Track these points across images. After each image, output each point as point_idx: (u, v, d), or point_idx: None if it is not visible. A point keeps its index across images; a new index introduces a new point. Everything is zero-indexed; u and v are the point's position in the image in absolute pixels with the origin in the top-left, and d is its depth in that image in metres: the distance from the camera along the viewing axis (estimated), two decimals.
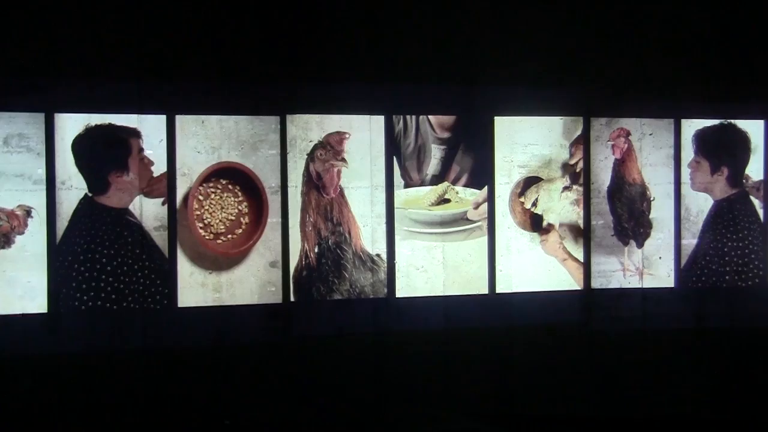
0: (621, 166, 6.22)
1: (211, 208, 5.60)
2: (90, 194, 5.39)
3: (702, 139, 6.33)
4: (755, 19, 6.45)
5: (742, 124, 6.39)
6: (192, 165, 5.55)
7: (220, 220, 5.61)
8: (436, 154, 5.94)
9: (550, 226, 6.14)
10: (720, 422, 6.01)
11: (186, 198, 5.53)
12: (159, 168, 5.50)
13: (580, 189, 6.11)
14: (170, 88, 5.54)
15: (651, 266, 6.32)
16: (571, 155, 6.11)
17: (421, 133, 5.91)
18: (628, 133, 6.20)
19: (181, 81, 5.58)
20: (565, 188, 6.09)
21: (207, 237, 5.57)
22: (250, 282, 5.65)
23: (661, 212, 6.33)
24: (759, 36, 6.43)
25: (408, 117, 5.89)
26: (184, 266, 5.55)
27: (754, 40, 6.43)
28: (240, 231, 5.65)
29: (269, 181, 5.67)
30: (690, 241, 6.39)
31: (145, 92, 5.49)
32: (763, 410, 6.11)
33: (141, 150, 5.45)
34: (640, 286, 6.31)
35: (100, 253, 5.42)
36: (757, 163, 6.43)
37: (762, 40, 6.43)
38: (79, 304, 5.37)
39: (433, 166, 5.94)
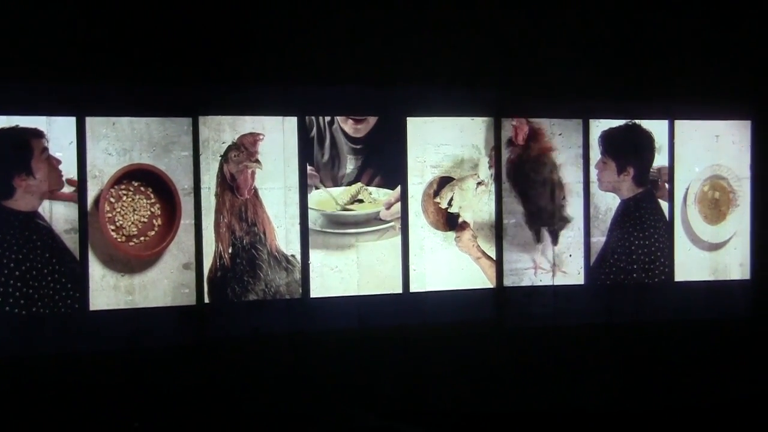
0: (535, 164, 6.86)
1: (123, 210, 5.97)
2: None
3: (608, 139, 6.98)
4: (659, 21, 7.11)
5: (646, 124, 7.06)
6: (103, 167, 5.91)
7: (133, 223, 6.00)
8: (349, 156, 6.42)
9: (465, 224, 6.73)
10: (629, 413, 6.74)
11: (97, 200, 5.88)
12: (68, 170, 5.82)
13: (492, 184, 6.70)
14: (80, 89, 5.86)
15: (562, 264, 6.98)
16: (491, 160, 6.75)
17: (334, 135, 6.39)
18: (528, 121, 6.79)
19: (91, 83, 5.89)
20: (479, 183, 6.75)
21: (119, 239, 5.96)
22: (164, 284, 6.04)
23: (570, 210, 6.99)
24: (662, 37, 7.10)
25: (322, 121, 6.37)
26: (96, 269, 5.92)
27: (657, 41, 7.08)
28: (153, 233, 6.04)
29: (182, 182, 6.07)
30: (599, 239, 7.06)
31: (55, 94, 5.80)
32: (669, 400, 6.88)
33: (45, 150, 5.73)
34: (551, 283, 6.95)
35: (8, 258, 5.72)
36: (662, 162, 7.14)
37: (665, 41, 7.10)
38: None
39: (346, 167, 6.41)
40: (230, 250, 6.15)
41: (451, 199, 6.66)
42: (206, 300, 6.14)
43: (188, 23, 6.15)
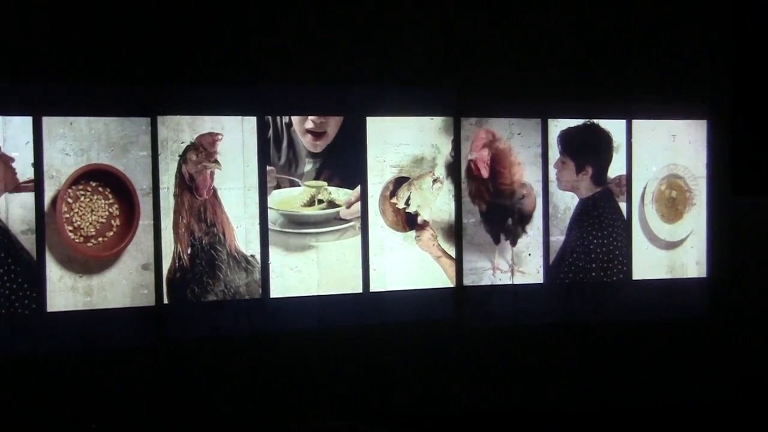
0: (495, 166, 7.03)
1: (81, 211, 6.04)
2: None
3: (566, 139, 7.16)
4: (617, 21, 7.32)
5: (604, 123, 7.26)
6: (60, 167, 5.98)
7: (90, 223, 6.07)
8: (308, 155, 6.55)
9: (425, 223, 6.90)
10: (587, 412, 6.99)
11: (55, 201, 5.94)
12: (24, 170, 5.90)
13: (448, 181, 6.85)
14: (36, 89, 5.91)
15: (521, 263, 7.17)
16: (452, 156, 6.92)
17: (292, 138, 6.52)
18: (493, 139, 7.04)
19: (47, 82, 5.95)
20: (435, 181, 6.89)
21: (77, 240, 6.03)
22: (122, 285, 6.13)
23: (527, 208, 7.15)
24: (620, 37, 7.30)
25: (279, 124, 6.48)
26: (53, 270, 6.00)
27: (615, 41, 7.28)
28: (111, 234, 6.12)
29: (140, 183, 6.16)
30: (558, 238, 7.26)
31: (10, 93, 5.85)
32: (626, 398, 7.14)
33: None
34: (510, 282, 7.15)
35: None
36: (620, 162, 7.36)
37: (623, 41, 7.30)
38: None
39: (304, 167, 6.54)
40: (189, 251, 6.25)
41: (408, 199, 6.78)
42: (165, 301, 6.23)
43: (147, 22, 6.23)
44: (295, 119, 6.54)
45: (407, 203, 6.82)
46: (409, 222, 6.85)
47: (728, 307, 7.58)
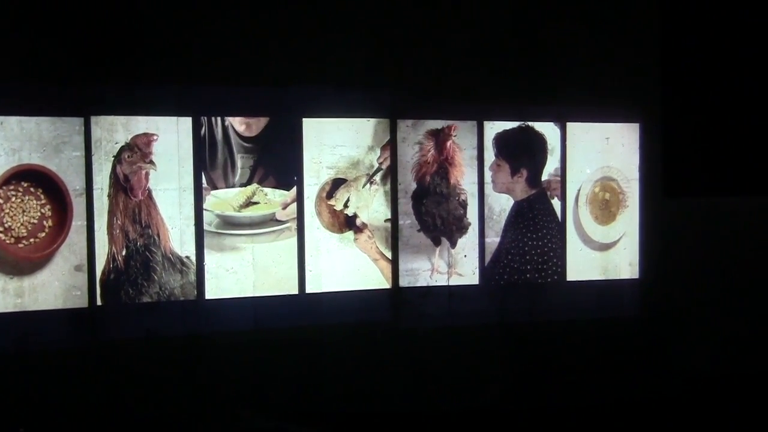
0: (441, 167, 7.33)
1: (12, 211, 6.13)
2: None
3: (502, 141, 7.44)
4: (551, 25, 7.64)
5: (539, 126, 7.56)
6: None
7: (22, 224, 6.15)
8: (244, 157, 6.72)
9: (363, 225, 7.11)
10: (522, 411, 7.31)
11: None
12: None
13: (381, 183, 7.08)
14: None
15: (457, 264, 7.45)
16: (381, 157, 7.18)
17: (228, 136, 6.69)
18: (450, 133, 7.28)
19: None
20: (371, 183, 7.12)
21: (8, 241, 6.11)
22: (54, 286, 6.22)
23: (466, 212, 7.42)
24: (554, 41, 7.62)
25: (214, 123, 6.64)
26: None
27: (550, 44, 7.60)
28: (43, 235, 6.20)
29: (74, 183, 6.25)
30: (493, 240, 7.53)
31: None
32: (561, 399, 7.48)
33: None
34: (446, 283, 7.40)
35: None
36: (554, 164, 7.68)
37: (557, 44, 7.63)
38: None
39: (241, 168, 6.71)
40: (124, 252, 6.38)
41: (348, 201, 7.00)
42: (99, 302, 6.34)
43: (81, 20, 6.33)
44: None
45: (346, 205, 7.00)
46: (346, 223, 7.04)
47: (660, 307, 7.96)
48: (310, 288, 6.95)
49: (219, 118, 6.66)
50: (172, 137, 6.52)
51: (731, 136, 8.42)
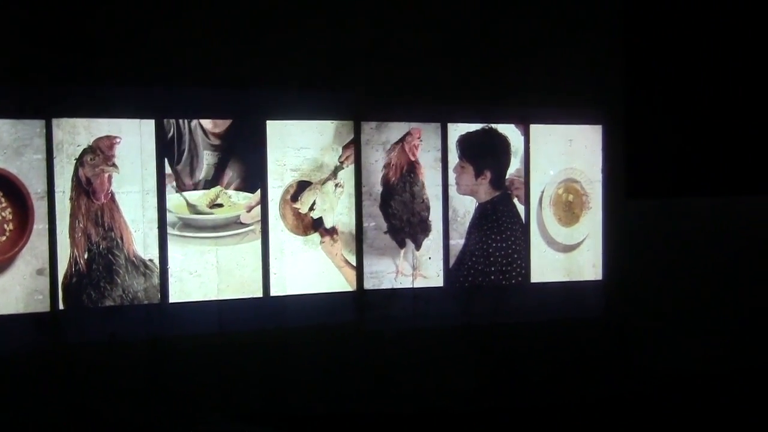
0: (409, 168, 7.44)
1: None
2: None
3: (465, 143, 7.56)
4: (514, 27, 7.76)
5: (502, 128, 7.68)
6: None
7: None
8: (208, 159, 6.75)
9: (331, 228, 7.18)
10: (486, 412, 7.47)
11: None
12: None
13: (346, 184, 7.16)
14: None
15: (421, 266, 7.55)
16: (342, 156, 7.26)
17: (193, 138, 6.72)
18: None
19: None
20: (336, 185, 7.18)
21: None
22: (16, 291, 6.22)
23: (430, 214, 7.54)
24: (517, 43, 7.74)
25: (181, 123, 6.66)
26: None
27: (512, 46, 7.72)
28: (3, 238, 6.19)
29: (35, 186, 6.25)
30: (457, 242, 7.63)
31: None
32: (525, 398, 7.64)
33: None
34: (411, 286, 7.50)
35: None
36: (518, 166, 7.82)
37: (520, 46, 7.75)
38: None
39: (205, 170, 6.75)
40: (86, 256, 6.40)
41: (314, 204, 7.07)
42: (61, 306, 6.36)
43: (41, 21, 6.34)
44: None
45: (312, 208, 7.08)
46: (311, 226, 7.13)
47: (623, 308, 8.14)
48: (275, 291, 7.00)
49: (188, 122, 6.70)
50: (134, 139, 6.55)
51: (693, 137, 8.61)
